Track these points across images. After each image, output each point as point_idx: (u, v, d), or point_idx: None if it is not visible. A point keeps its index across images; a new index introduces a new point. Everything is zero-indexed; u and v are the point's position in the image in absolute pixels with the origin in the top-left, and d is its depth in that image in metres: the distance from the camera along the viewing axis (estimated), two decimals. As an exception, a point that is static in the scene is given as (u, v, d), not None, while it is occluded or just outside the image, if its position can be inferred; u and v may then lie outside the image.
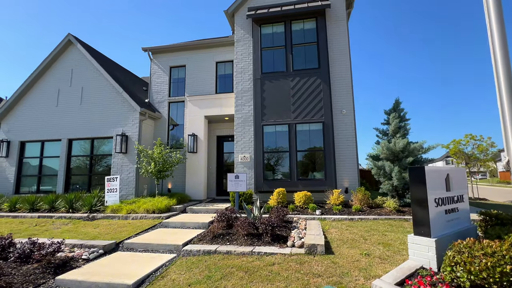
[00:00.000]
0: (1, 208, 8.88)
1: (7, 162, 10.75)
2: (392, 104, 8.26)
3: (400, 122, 7.79)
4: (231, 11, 9.76)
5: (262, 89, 8.90)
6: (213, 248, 4.62)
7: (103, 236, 5.82)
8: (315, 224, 5.88)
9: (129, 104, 9.98)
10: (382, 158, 7.68)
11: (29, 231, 6.47)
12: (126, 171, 9.67)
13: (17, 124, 10.97)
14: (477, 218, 4.81)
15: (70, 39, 10.85)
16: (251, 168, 8.81)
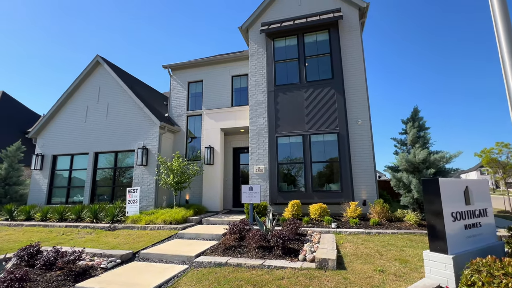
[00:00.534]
0: (34, 217, 9.53)
1: (41, 174, 11.61)
2: (410, 112, 7.99)
3: (419, 131, 7.49)
4: (245, 27, 10.09)
5: (276, 101, 9.00)
6: (224, 260, 4.65)
7: (121, 246, 6.06)
8: (329, 237, 5.73)
9: (149, 118, 10.50)
10: (401, 170, 7.38)
11: (56, 240, 6.89)
12: (147, 183, 10.06)
13: (50, 139, 11.88)
14: (506, 234, 4.45)
15: (98, 60, 11.73)
16: (266, 179, 8.82)
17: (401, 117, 40.08)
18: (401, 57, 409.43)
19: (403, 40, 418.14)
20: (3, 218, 9.54)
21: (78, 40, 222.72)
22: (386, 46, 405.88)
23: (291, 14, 9.74)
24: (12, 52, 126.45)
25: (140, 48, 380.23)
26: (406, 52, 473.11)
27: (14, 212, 9.59)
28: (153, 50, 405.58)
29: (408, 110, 65.94)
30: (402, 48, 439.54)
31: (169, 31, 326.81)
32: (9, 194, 11.61)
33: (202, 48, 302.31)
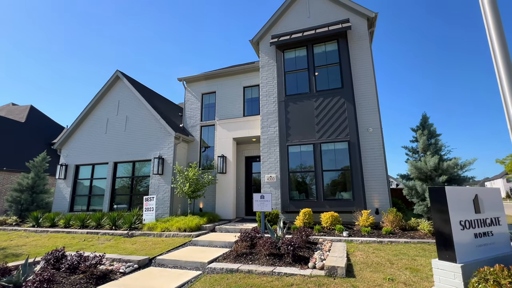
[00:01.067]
0: (58, 224, 10.07)
1: (64, 183, 12.28)
2: (419, 120, 7.93)
3: (429, 138, 7.42)
4: (256, 40, 10.45)
5: (287, 110, 9.19)
6: (235, 266, 4.80)
7: (139, 252, 6.34)
8: (340, 246, 5.75)
9: (165, 129, 10.95)
10: (413, 178, 7.31)
11: (78, 246, 7.28)
12: (162, 191, 10.43)
13: (74, 149, 12.60)
14: (522, 244, 4.34)
15: (118, 75, 12.44)
16: (277, 188, 8.93)
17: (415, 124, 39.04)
18: (408, 69, 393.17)
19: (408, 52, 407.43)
20: (30, 224, 10.14)
21: (96, 53, 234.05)
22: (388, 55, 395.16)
23: (300, 26, 10.01)
24: (37, 69, 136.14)
25: (155, 61, 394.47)
26: (411, 62, 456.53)
27: (40, 219, 10.17)
28: (168, 63, 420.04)
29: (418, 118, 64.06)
30: (405, 56, 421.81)
31: (184, 44, 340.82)
32: (36, 202, 12.32)
33: (215, 61, 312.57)
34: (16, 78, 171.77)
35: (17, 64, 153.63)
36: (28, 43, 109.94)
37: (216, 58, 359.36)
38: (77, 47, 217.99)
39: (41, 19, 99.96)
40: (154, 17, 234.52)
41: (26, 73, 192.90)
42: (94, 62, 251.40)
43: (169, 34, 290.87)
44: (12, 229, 9.81)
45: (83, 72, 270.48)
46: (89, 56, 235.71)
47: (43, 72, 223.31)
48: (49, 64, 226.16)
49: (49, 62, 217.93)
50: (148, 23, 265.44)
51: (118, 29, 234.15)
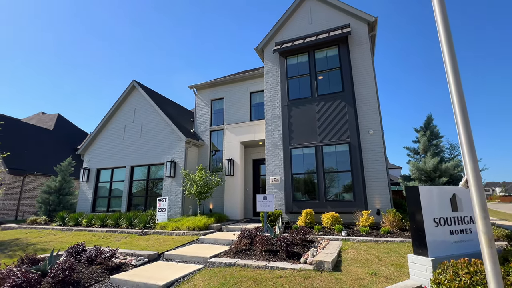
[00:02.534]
0: (81, 223, 10.98)
1: (87, 186, 13.30)
2: (424, 121, 8.01)
3: (431, 139, 7.49)
4: (260, 48, 10.91)
5: (289, 114, 9.54)
6: (233, 261, 5.22)
7: (149, 248, 6.93)
8: (335, 244, 6.02)
9: (177, 134, 11.64)
10: (414, 179, 7.40)
11: (98, 242, 8.02)
12: (174, 193, 11.08)
13: (95, 155, 13.62)
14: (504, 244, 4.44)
15: (134, 85, 13.36)
16: (281, 189, 9.28)
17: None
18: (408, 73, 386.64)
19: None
20: (57, 223, 11.13)
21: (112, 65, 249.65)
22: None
23: (302, 32, 10.36)
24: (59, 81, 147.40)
25: (168, 69, 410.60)
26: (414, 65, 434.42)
27: (65, 219, 11.14)
28: (172, 70, 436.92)
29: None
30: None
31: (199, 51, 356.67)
32: (62, 203, 13.44)
33: (220, 69, 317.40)
34: (46, 86, 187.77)
35: (50, 71, 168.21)
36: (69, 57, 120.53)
37: (223, 66, 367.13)
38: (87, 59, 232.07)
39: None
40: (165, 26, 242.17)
41: (55, 81, 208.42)
42: (103, 71, 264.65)
43: (176, 43, 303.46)
44: (42, 228, 10.82)
45: (98, 82, 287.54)
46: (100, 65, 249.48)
47: (69, 81, 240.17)
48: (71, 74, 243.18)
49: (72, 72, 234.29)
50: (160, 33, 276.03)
51: (130, 39, 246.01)
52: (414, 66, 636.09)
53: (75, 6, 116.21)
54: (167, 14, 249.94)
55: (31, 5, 78.41)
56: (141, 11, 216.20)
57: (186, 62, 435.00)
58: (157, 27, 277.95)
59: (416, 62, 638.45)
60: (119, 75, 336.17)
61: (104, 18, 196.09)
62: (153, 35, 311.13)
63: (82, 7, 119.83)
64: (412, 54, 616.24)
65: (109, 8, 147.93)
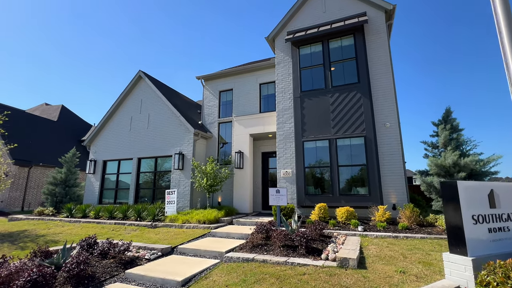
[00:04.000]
0: (88, 215, 10.89)
1: (94, 178, 13.17)
2: (442, 114, 7.72)
3: (451, 133, 7.22)
4: (271, 37, 10.56)
5: (302, 106, 9.27)
6: (251, 256, 5.06)
7: (162, 241, 6.79)
8: (354, 240, 5.84)
9: (185, 126, 11.41)
10: (432, 174, 7.17)
11: (108, 235, 7.90)
12: (183, 186, 10.92)
13: (101, 146, 13.45)
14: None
15: (140, 75, 13.07)
16: (293, 183, 9.08)
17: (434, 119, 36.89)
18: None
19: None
20: (64, 215, 11.04)
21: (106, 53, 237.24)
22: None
23: (315, 21, 9.99)
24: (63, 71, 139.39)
25: (174, 59, 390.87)
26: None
27: (73, 211, 11.04)
28: (188, 62, 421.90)
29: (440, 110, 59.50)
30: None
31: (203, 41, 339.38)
32: (69, 194, 13.34)
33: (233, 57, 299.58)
34: (49, 77, 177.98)
35: (52, 63, 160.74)
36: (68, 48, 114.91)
37: (228, 59, 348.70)
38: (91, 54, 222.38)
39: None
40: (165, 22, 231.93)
41: (59, 72, 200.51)
42: (100, 63, 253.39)
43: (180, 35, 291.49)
44: (49, 219, 10.74)
45: (101, 75, 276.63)
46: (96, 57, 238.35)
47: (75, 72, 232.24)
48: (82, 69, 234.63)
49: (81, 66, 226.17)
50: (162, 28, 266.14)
51: (134, 34, 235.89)
52: (415, 60, 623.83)
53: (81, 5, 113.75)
54: (169, 12, 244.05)
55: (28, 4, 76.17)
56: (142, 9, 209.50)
57: (190, 57, 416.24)
58: (158, 24, 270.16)
59: (415, 57, 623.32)
60: (121, 69, 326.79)
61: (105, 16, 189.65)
62: (154, 30, 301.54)
63: (86, 7, 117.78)
64: (413, 51, 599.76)
65: (110, 7, 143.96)
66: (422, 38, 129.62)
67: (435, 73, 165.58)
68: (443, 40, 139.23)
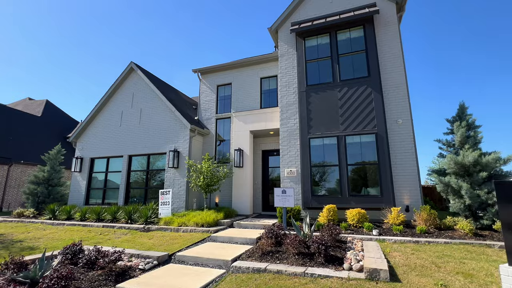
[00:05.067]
0: (74, 217, 9.99)
1: (80, 176, 12.23)
2: (456, 110, 7.31)
3: (468, 130, 6.80)
4: (274, 28, 9.95)
5: (308, 101, 8.70)
6: (262, 266, 4.43)
7: (157, 248, 6.06)
8: (373, 245, 5.30)
9: (180, 122, 10.66)
10: (449, 173, 6.73)
11: (95, 239, 7.09)
12: (178, 185, 10.17)
13: (88, 142, 12.51)
14: None
15: (132, 67, 12.22)
16: (298, 183, 8.51)
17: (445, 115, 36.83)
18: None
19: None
20: (46, 217, 10.10)
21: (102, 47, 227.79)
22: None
23: (321, 12, 9.45)
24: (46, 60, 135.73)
25: (165, 54, 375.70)
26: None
27: (56, 212, 10.11)
28: (179, 56, 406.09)
29: (452, 106, 58.70)
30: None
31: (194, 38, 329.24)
32: (52, 194, 12.34)
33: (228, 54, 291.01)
34: (32, 73, 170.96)
35: (34, 58, 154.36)
36: (45, 38, 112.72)
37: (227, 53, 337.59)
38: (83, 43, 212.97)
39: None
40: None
41: (42, 67, 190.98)
42: (93, 55, 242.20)
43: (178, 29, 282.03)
44: (30, 221, 9.79)
45: (87, 65, 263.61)
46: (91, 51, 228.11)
47: (57, 66, 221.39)
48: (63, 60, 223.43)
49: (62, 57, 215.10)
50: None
51: (127, 26, 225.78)
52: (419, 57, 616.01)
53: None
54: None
55: None
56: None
57: (187, 48, 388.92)
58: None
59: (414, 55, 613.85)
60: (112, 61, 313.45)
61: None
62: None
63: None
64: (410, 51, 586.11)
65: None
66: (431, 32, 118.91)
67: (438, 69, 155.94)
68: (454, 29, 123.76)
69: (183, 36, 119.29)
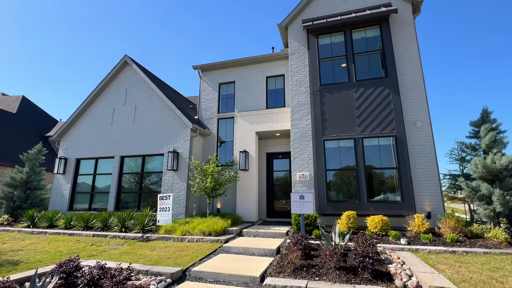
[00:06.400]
0: (57, 224, 8.88)
1: (63, 178, 11.04)
2: (480, 114, 7.12)
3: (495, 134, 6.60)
4: (284, 25, 9.49)
5: (322, 101, 8.25)
6: (302, 284, 3.81)
7: (164, 261, 5.27)
8: (411, 257, 4.84)
9: (180, 120, 9.87)
10: (475, 178, 6.46)
11: (87, 251, 6.16)
12: (177, 189, 9.34)
13: (74, 142, 11.37)
14: None
15: (126, 60, 11.30)
16: (311, 187, 7.99)
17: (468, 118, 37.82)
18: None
19: None
20: (24, 224, 8.90)
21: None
22: None
23: (333, 10, 9.11)
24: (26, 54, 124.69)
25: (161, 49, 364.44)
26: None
27: (36, 219, 8.95)
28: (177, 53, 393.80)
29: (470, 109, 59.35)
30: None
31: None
32: (30, 198, 11.03)
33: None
34: (6, 67, 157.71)
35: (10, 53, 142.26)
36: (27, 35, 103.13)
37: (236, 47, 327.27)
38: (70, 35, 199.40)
39: None
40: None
41: (19, 62, 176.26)
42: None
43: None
44: (4, 230, 8.58)
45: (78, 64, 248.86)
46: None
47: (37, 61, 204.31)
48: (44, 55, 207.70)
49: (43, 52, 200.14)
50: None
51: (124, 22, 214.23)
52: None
53: None
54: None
55: None
56: None
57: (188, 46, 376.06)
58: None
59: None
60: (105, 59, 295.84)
61: None
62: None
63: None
64: None
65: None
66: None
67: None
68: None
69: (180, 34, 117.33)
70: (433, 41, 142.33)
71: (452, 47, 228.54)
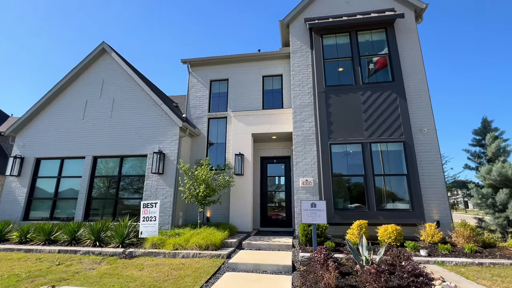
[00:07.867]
0: (8, 238, 7.23)
1: (18, 182, 9.21)
2: (480, 123, 7.19)
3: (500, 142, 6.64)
4: (286, 22, 9.01)
5: (327, 103, 7.82)
6: (350, 312, 3.13)
7: (162, 286, 4.26)
8: (443, 271, 4.44)
9: (168, 118, 8.79)
10: (485, 186, 6.40)
11: (55, 274, 4.86)
12: (162, 195, 8.19)
13: (35, 138, 9.62)
14: None
15: (104, 47, 9.93)
16: (315, 194, 7.44)
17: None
18: None
19: None
20: (-37, 239, 7.10)
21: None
22: None
23: (337, 11, 8.86)
24: None
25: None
26: None
27: (-21, 231, 7.20)
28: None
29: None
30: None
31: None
32: (-29, 206, 9.01)
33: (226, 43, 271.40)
34: None
35: None
36: None
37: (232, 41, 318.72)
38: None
39: None
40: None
41: None
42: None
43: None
44: None
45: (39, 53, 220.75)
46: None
47: None
48: None
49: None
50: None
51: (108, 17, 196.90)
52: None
53: None
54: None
55: None
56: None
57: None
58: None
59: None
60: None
61: None
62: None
63: None
64: None
65: None
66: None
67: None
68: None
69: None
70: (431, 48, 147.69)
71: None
